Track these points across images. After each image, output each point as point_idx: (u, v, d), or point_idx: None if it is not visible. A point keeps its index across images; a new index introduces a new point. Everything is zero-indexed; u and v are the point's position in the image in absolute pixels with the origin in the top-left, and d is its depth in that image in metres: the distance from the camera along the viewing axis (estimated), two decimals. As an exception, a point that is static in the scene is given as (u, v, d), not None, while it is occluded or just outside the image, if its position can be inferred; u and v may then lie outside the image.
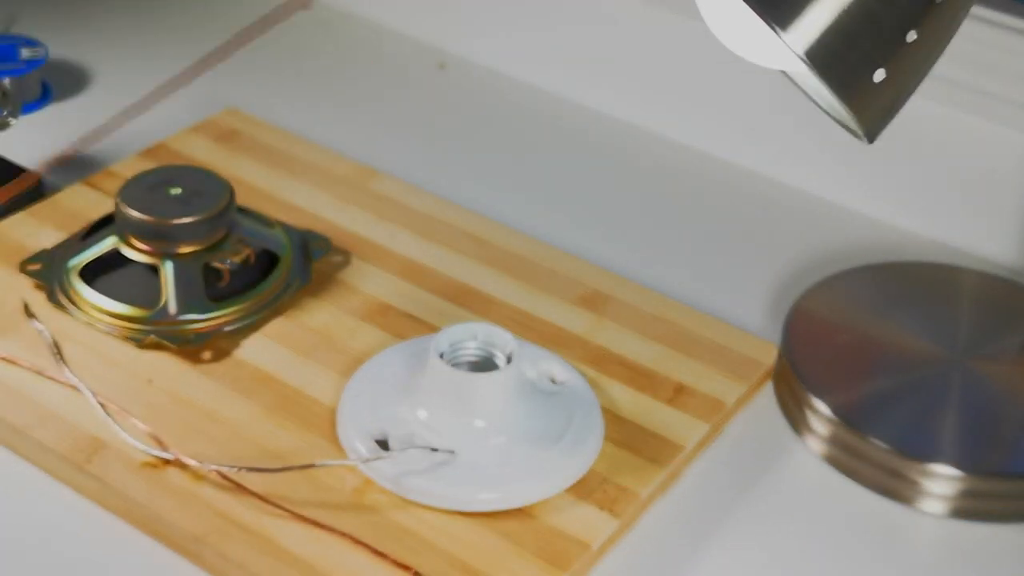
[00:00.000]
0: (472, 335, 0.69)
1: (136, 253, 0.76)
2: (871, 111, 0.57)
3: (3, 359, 0.72)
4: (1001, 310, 0.82)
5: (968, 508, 0.70)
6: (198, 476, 0.66)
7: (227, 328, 0.75)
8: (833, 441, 0.72)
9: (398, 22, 1.12)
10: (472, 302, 0.79)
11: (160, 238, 0.75)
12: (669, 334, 0.78)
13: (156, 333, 0.74)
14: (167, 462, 0.67)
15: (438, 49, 1.10)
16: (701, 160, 0.98)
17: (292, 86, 1.05)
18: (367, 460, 0.66)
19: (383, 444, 0.68)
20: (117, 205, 0.76)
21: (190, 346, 0.74)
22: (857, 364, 0.77)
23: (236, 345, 0.75)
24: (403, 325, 0.77)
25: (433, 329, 0.76)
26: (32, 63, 0.97)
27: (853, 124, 0.58)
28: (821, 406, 0.73)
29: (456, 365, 0.68)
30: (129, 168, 0.87)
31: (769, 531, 0.69)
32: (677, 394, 0.74)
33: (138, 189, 0.77)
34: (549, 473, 0.67)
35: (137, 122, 0.98)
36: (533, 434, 0.68)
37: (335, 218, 0.85)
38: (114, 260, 0.77)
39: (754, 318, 0.83)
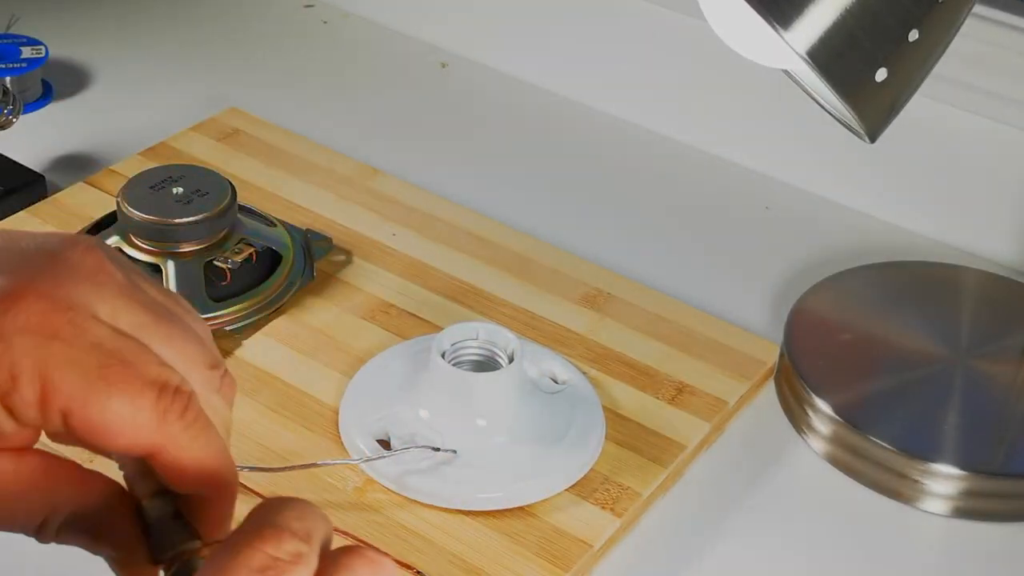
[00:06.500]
0: (474, 334, 0.69)
1: (138, 252, 0.76)
2: (873, 110, 0.57)
3: (5, 358, 0.72)
4: (1003, 309, 0.82)
5: (969, 507, 0.70)
6: (200, 475, 0.66)
7: (229, 328, 0.75)
8: (835, 440, 0.72)
9: (398, 22, 1.12)
10: (474, 301, 0.79)
11: (162, 237, 0.75)
12: (671, 333, 0.78)
13: (158, 332, 0.74)
14: (169, 461, 0.67)
15: (438, 49, 1.10)
16: (703, 159, 0.98)
17: (293, 85, 1.05)
18: (369, 459, 0.66)
19: (385, 443, 0.68)
20: (119, 204, 0.76)
21: (192, 345, 0.74)
22: (859, 363, 0.77)
23: (238, 345, 0.75)
24: (405, 324, 0.77)
25: (435, 328, 0.76)
26: (33, 62, 0.97)
27: (855, 123, 0.58)
28: (823, 405, 0.73)
29: (458, 364, 0.68)
30: (130, 167, 0.87)
31: (771, 530, 0.69)
32: (679, 393, 0.74)
33: (140, 188, 0.77)
34: (551, 472, 0.67)
35: (138, 121, 0.98)
36: (535, 433, 0.68)
37: (337, 217, 0.85)
38: (116, 259, 0.77)
39: (756, 317, 0.83)
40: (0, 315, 0.39)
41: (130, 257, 0.76)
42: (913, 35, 0.55)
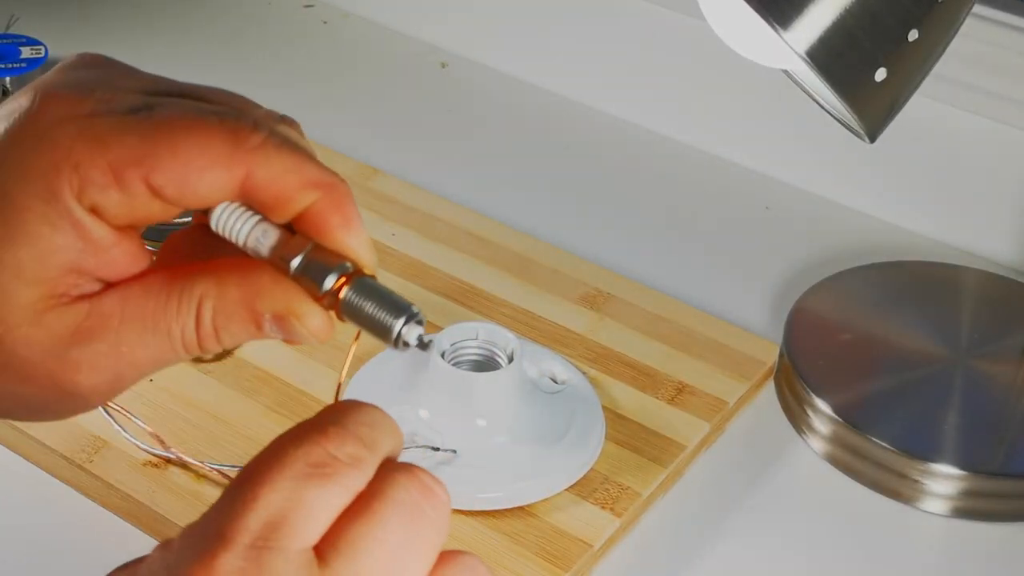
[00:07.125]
0: (474, 334, 0.69)
1: (137, 252, 0.76)
2: (872, 110, 0.57)
3: (4, 358, 0.72)
4: (1003, 309, 0.82)
5: (969, 507, 0.70)
6: (199, 475, 0.66)
7: (228, 327, 0.75)
8: (834, 440, 0.72)
9: (398, 22, 1.12)
10: (473, 301, 0.79)
11: (162, 238, 0.75)
12: (670, 333, 0.78)
13: (157, 332, 0.74)
14: (168, 461, 0.67)
15: (438, 49, 1.10)
16: (702, 159, 0.98)
17: (293, 85, 1.05)
18: (369, 459, 0.66)
19: (384, 443, 0.68)
20: (118, 204, 0.76)
21: (191, 345, 0.74)
22: (859, 363, 0.77)
23: (238, 345, 0.75)
24: (404, 324, 0.77)
25: (435, 328, 0.76)
26: (33, 62, 0.97)
27: (854, 123, 0.58)
28: (822, 405, 0.73)
29: (458, 364, 0.68)
30: (130, 167, 0.87)
31: (770, 530, 0.69)
32: (678, 393, 0.74)
33: (139, 188, 0.77)
34: (550, 472, 0.67)
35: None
36: (534, 433, 0.68)
37: (336, 217, 0.85)
38: (115, 259, 0.77)
39: (755, 317, 0.82)
40: (29, 124, 0.38)
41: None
42: (913, 35, 0.55)
